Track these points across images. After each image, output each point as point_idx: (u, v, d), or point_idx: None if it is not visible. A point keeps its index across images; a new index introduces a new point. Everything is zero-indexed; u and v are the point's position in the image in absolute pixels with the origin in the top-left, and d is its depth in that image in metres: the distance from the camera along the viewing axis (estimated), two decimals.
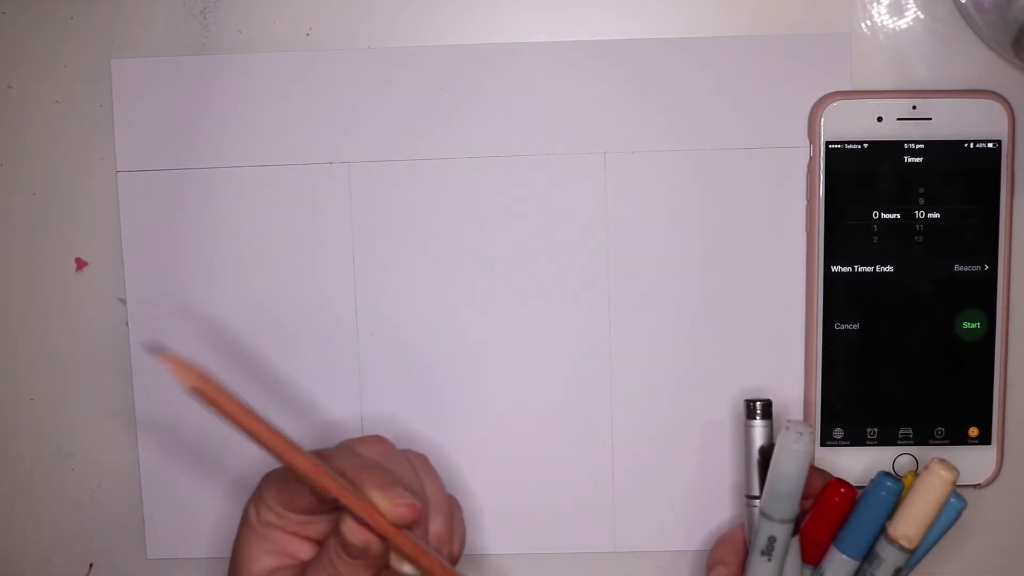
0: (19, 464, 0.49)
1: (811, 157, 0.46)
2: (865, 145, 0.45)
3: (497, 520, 0.48)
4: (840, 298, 0.46)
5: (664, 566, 0.48)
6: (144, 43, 0.47)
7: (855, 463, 0.46)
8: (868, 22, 0.46)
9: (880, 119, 0.45)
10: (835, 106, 0.45)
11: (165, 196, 0.47)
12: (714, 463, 0.47)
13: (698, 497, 0.48)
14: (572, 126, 0.46)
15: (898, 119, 0.45)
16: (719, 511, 0.48)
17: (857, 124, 0.45)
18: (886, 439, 0.46)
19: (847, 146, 0.45)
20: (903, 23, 0.46)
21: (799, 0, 0.46)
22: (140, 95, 0.47)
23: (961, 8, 0.45)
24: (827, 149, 0.45)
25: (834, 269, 0.46)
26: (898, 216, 0.45)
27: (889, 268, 0.46)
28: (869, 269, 0.46)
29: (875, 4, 0.46)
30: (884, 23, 0.46)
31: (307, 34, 0.47)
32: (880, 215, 0.45)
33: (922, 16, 0.46)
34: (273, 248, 0.47)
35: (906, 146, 0.45)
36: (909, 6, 0.46)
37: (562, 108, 0.46)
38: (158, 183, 0.47)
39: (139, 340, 0.48)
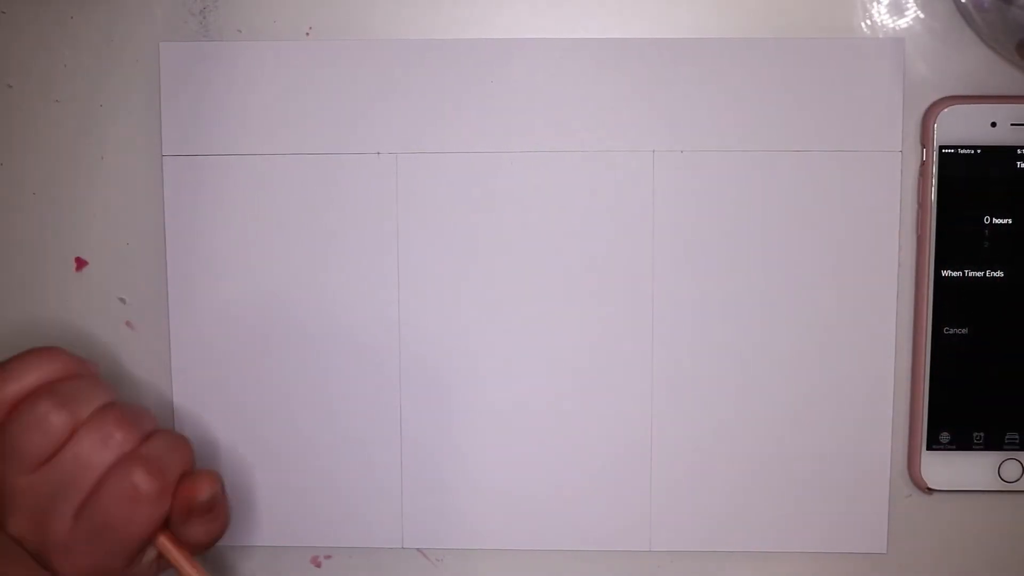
0: None
1: (923, 161, 0.46)
2: (978, 150, 0.45)
3: (535, 517, 0.48)
4: (950, 303, 0.46)
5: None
6: (143, 43, 0.47)
7: (960, 467, 0.46)
8: (868, 21, 0.46)
9: (994, 124, 0.45)
10: (949, 111, 0.45)
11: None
12: (756, 468, 0.47)
13: (738, 498, 0.47)
14: (622, 123, 0.46)
15: (1012, 124, 0.45)
16: (763, 511, 0.48)
17: (971, 129, 0.45)
18: (992, 443, 0.46)
19: (960, 151, 0.45)
20: (903, 23, 0.46)
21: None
22: (183, 84, 0.47)
23: (961, 8, 0.45)
24: (940, 153, 0.45)
25: (944, 274, 0.46)
26: (1010, 221, 0.46)
27: (1000, 273, 0.46)
28: (979, 274, 0.46)
29: (875, 3, 0.46)
30: (884, 23, 0.46)
31: (307, 33, 0.47)
32: (992, 220, 0.46)
33: (922, 16, 0.46)
34: (294, 240, 0.47)
35: (1019, 151, 0.45)
36: (909, 6, 0.46)
37: (611, 104, 0.46)
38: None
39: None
